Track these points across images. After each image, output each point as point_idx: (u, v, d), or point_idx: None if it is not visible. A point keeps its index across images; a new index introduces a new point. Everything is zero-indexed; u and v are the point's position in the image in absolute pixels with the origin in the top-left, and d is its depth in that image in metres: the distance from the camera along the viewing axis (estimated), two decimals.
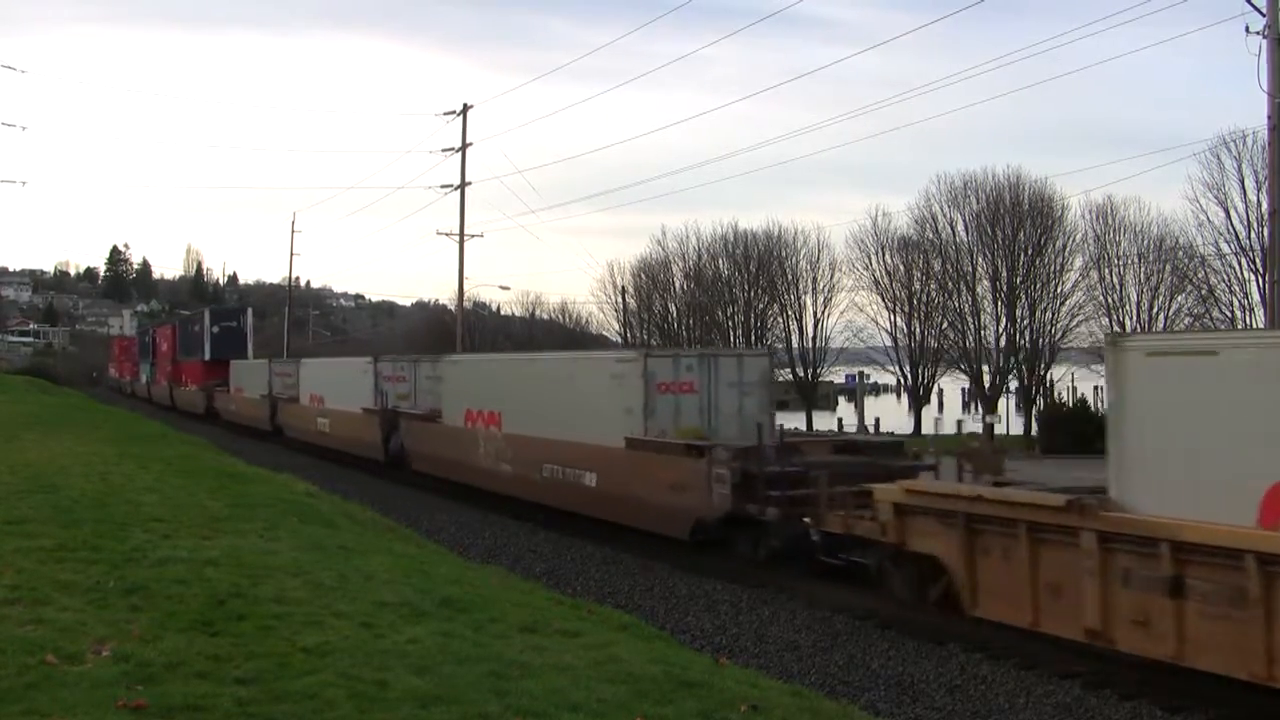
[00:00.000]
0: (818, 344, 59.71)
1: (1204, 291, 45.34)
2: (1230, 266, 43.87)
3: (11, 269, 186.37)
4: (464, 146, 46.91)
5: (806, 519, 14.31)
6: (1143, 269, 49.06)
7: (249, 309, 60.23)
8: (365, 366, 32.08)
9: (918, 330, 56.01)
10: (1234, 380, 9.58)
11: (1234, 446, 9.43)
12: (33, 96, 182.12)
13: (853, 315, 59.39)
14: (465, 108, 46.84)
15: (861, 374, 52.74)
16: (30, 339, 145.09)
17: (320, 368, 39.36)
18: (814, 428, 48.87)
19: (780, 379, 64.68)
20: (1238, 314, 43.23)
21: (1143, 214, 50.55)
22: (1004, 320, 52.55)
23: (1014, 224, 52.22)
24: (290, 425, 39.80)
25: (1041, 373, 51.53)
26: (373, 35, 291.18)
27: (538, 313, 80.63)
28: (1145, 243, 49.16)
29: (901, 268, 56.60)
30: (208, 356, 55.97)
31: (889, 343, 57.46)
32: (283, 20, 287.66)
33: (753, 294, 62.96)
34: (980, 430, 51.38)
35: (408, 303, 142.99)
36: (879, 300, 57.46)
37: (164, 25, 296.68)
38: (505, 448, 22.66)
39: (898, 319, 56.84)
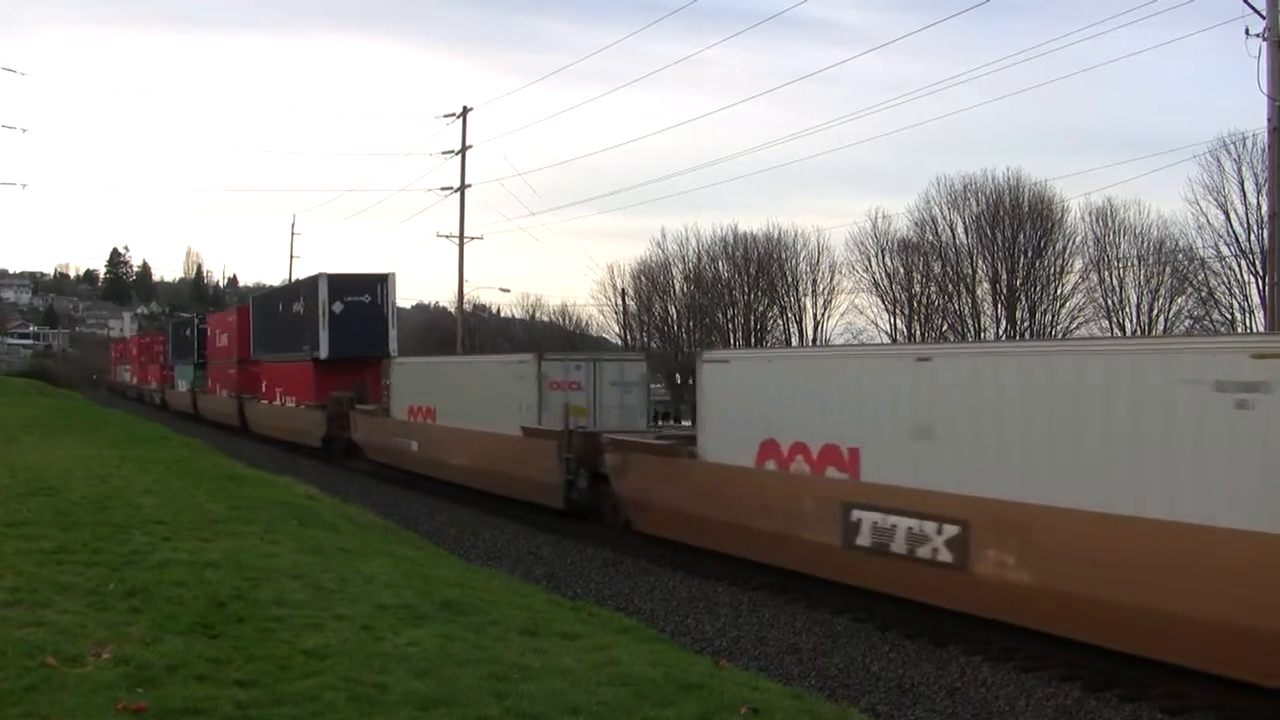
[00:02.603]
0: (818, 346, 59.78)
1: (1204, 294, 45.42)
2: (1230, 269, 43.99)
3: (11, 271, 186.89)
4: (464, 149, 47.00)
5: None
6: (1143, 271, 49.19)
7: (391, 275, 36.56)
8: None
9: (918, 332, 56.07)
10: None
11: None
12: (33, 98, 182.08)
13: (853, 317, 59.56)
14: (465, 110, 46.94)
15: None
16: (30, 341, 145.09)
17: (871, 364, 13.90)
18: None
19: None
20: (1238, 316, 43.31)
21: (1143, 216, 50.81)
22: (1004, 322, 52.61)
23: (1014, 226, 52.32)
24: (713, 519, 15.81)
25: None
26: (373, 37, 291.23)
27: (538, 315, 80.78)
28: (1145, 245, 49.33)
29: (901, 270, 56.73)
30: (324, 354, 34.93)
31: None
32: (281, 21, 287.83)
33: (753, 296, 63.11)
34: None
35: (408, 305, 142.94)
36: (879, 302, 57.61)
37: (163, 26, 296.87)
38: None
39: (898, 321, 56.94)
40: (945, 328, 55.31)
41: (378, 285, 36.13)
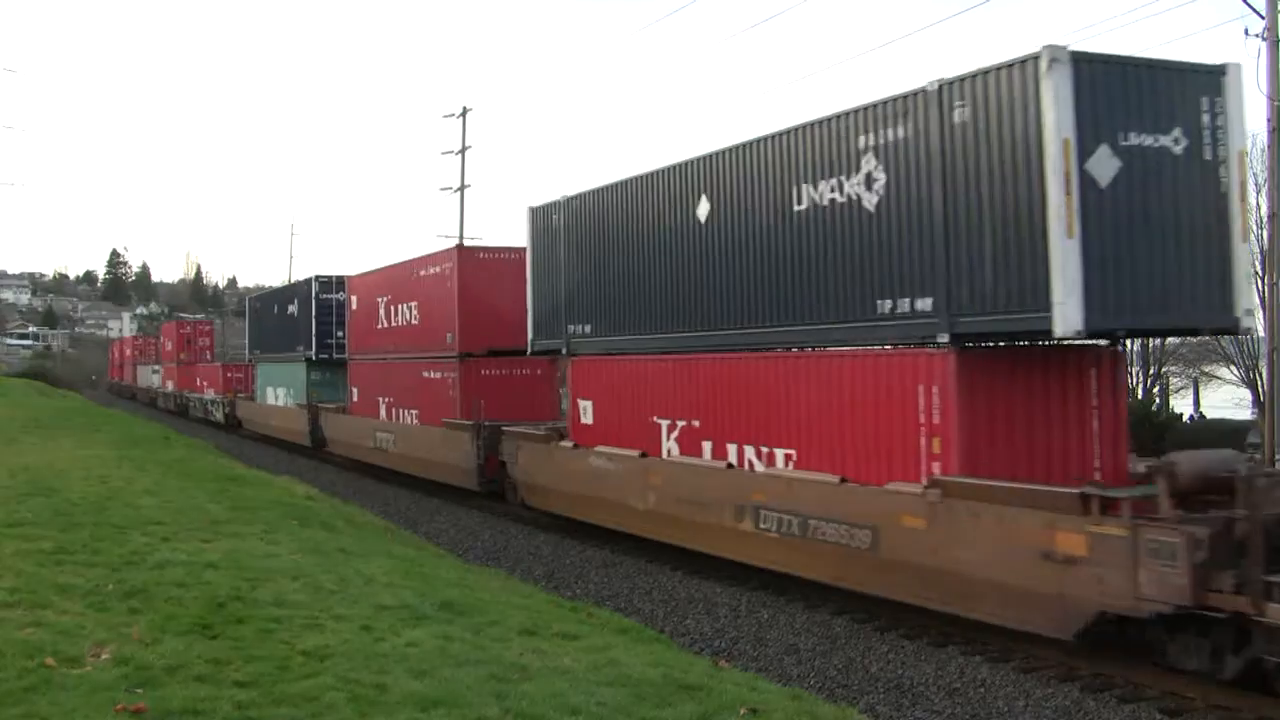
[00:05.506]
0: None
1: None
2: None
3: (11, 272, 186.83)
4: (463, 149, 46.96)
5: None
6: None
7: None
8: None
9: None
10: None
11: None
12: (32, 99, 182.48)
13: None
14: (465, 110, 46.89)
15: None
16: (29, 342, 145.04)
17: None
18: None
19: None
20: None
21: None
22: None
23: None
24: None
25: None
26: (373, 37, 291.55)
27: None
28: None
29: None
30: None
31: None
32: (281, 21, 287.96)
33: None
34: None
35: None
36: None
37: (163, 27, 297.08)
38: None
39: None
40: None
41: None
